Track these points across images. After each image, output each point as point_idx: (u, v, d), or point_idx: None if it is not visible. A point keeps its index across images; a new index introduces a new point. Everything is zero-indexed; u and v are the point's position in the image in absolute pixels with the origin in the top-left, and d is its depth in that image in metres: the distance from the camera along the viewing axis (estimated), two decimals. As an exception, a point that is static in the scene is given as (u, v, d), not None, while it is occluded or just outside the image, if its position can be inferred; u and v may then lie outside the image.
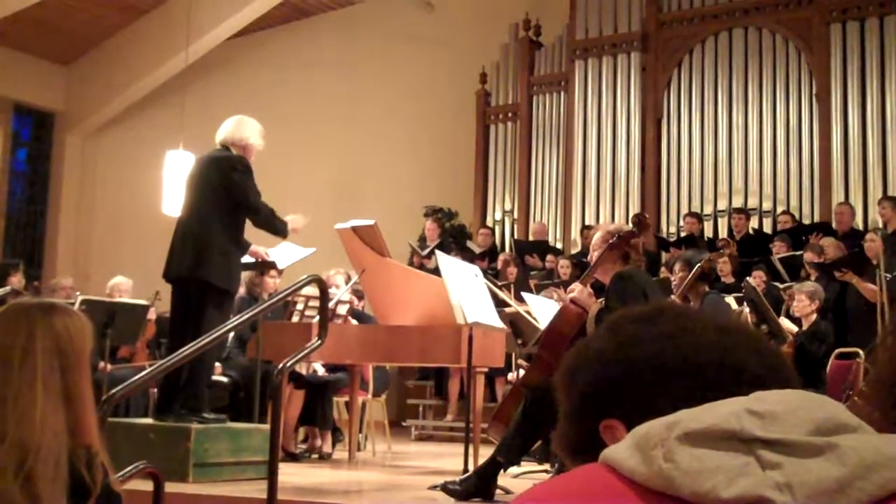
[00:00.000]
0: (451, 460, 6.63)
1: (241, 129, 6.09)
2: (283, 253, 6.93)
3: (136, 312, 7.45)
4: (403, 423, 10.18)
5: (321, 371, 7.33)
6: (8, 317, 2.09)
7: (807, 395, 0.86)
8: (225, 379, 7.46)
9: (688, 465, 0.80)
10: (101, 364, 7.06)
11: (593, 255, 5.19)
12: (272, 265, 7.04)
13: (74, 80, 15.09)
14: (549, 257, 11.05)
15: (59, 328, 2.07)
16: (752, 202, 10.95)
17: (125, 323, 7.18)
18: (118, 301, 7.59)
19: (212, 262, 5.71)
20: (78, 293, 7.87)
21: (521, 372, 7.08)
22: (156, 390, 6.73)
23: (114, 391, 4.08)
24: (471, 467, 5.53)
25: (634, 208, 11.35)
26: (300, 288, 5.21)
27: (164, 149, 11.58)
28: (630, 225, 5.36)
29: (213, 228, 5.77)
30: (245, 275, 7.76)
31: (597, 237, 5.20)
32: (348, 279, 7.72)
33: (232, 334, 6.76)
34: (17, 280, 7.54)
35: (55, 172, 15.44)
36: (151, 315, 8.14)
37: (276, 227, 6.05)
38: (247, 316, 4.83)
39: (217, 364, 7.20)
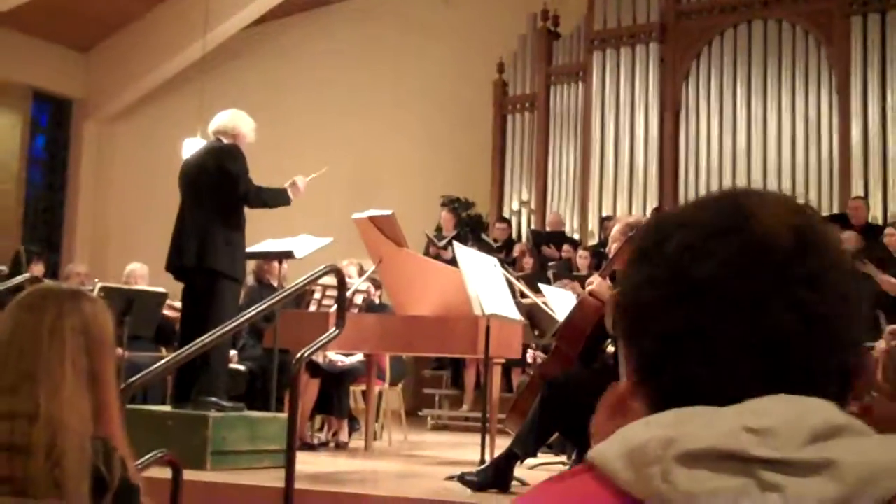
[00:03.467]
0: (467, 450, 6.63)
1: (234, 119, 6.15)
2: (301, 242, 6.93)
3: (153, 300, 7.46)
4: (419, 413, 10.18)
5: (340, 360, 7.33)
6: (36, 298, 2.11)
7: (799, 402, 0.83)
8: (242, 367, 7.48)
9: (686, 487, 0.79)
10: (119, 352, 7.09)
11: (612, 247, 5.19)
12: (288, 254, 7.06)
13: (93, 68, 15.13)
14: (566, 247, 11.02)
15: (86, 311, 2.10)
16: (771, 195, 10.87)
17: (143, 310, 7.20)
18: (136, 289, 7.62)
19: (217, 251, 5.75)
20: (96, 280, 7.90)
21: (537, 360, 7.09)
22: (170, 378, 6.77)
23: (132, 379, 4.10)
24: (487, 458, 5.53)
25: (652, 200, 11.31)
26: (318, 277, 5.21)
27: (181, 136, 11.61)
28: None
29: (215, 217, 5.82)
30: (253, 262, 7.78)
31: (616, 229, 5.19)
32: (361, 271, 7.73)
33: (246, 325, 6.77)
34: (38, 269, 7.58)
35: (73, 159, 15.50)
36: None
37: (273, 201, 6.05)
38: (265, 305, 4.84)
39: (232, 352, 7.23)
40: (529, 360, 7.35)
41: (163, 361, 4.52)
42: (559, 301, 6.72)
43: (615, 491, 0.82)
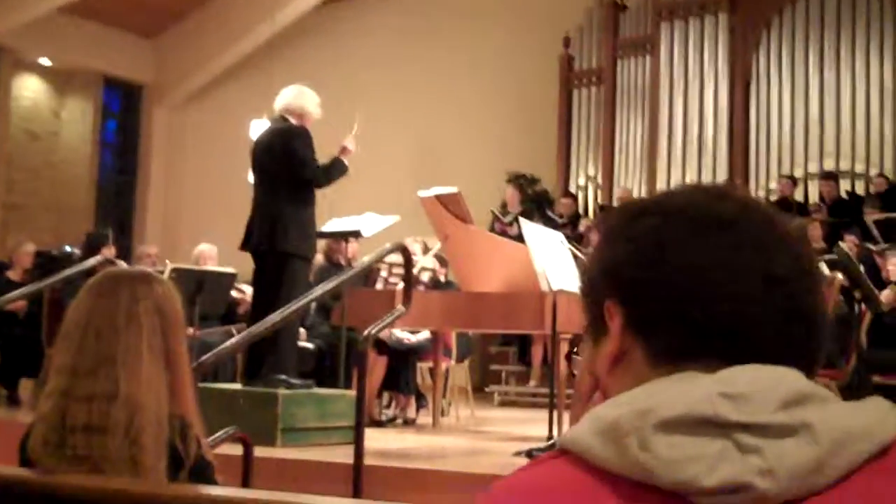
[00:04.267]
0: (535, 426, 6.64)
1: (300, 98, 6.18)
2: (367, 221, 6.98)
3: (223, 280, 7.58)
4: (486, 389, 10.21)
5: (407, 337, 7.38)
6: (108, 282, 2.15)
7: (769, 370, 0.85)
8: (310, 345, 7.57)
9: (666, 454, 0.79)
10: (190, 331, 7.21)
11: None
12: (356, 233, 7.12)
13: (162, 53, 15.35)
14: (635, 223, 10.91)
15: (158, 293, 2.14)
16: (845, 165, 10.67)
17: (213, 291, 7.31)
18: (207, 269, 7.74)
19: (288, 232, 5.82)
20: (167, 261, 8.03)
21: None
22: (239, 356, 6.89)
23: (203, 358, 4.19)
24: (555, 433, 5.53)
25: (722, 173, 11.15)
26: (384, 255, 5.26)
27: (250, 118, 11.72)
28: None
29: (284, 198, 5.88)
30: (323, 242, 7.86)
31: None
32: (426, 249, 7.75)
33: (314, 303, 6.86)
34: (109, 252, 7.72)
35: (144, 143, 15.77)
36: None
37: (337, 174, 6.08)
38: (332, 284, 4.89)
39: (301, 330, 7.32)
40: None
41: (233, 340, 4.60)
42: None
43: (591, 471, 0.82)
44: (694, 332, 0.88)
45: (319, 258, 7.88)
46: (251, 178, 6.24)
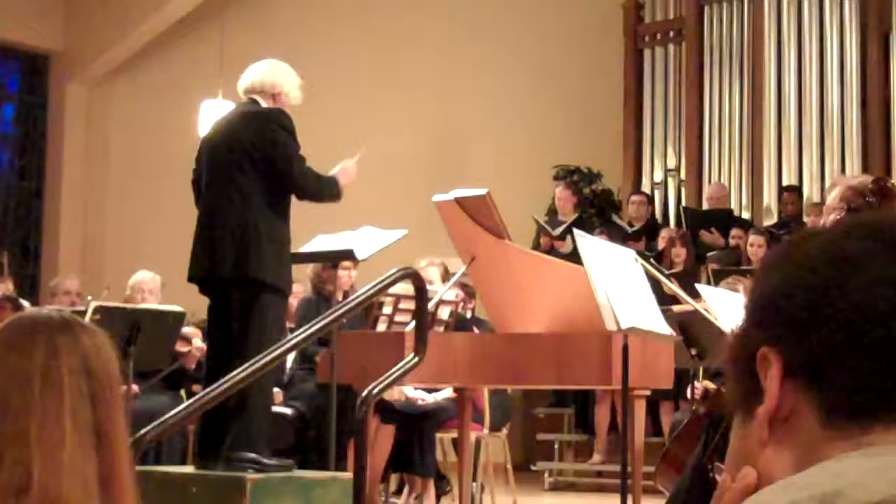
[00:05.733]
0: (601, 519, 6.65)
1: (274, 73, 6.22)
2: (363, 238, 7.00)
3: (167, 322, 7.60)
4: (533, 468, 10.21)
5: (421, 397, 7.39)
6: (21, 331, 2.15)
7: None
8: (289, 411, 7.59)
9: None
10: (123, 389, 7.23)
11: (827, 222, 5.09)
12: (348, 255, 7.13)
13: (75, 11, 15.43)
14: (734, 232, 10.92)
15: (85, 344, 2.14)
16: None
17: (153, 338, 7.32)
18: (143, 308, 7.76)
19: (261, 255, 5.82)
20: (89, 297, 8.07)
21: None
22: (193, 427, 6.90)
23: (143, 431, 4.19)
24: (630, 528, 5.53)
25: (853, 159, 11.13)
26: (389, 285, 5.26)
27: (198, 98, 11.80)
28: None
29: (254, 208, 5.88)
30: (310, 269, 7.88)
31: (833, 196, 5.05)
32: (446, 273, 7.77)
33: (295, 352, 6.87)
34: (4, 286, 7.73)
35: (54, 134, 15.81)
36: None
37: (329, 194, 6.18)
38: (318, 325, 4.90)
39: (276, 390, 7.34)
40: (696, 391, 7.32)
41: (181, 406, 4.62)
42: (725, 306, 6.67)
43: None
44: (882, 372, 0.89)
45: (302, 289, 7.91)
46: (202, 179, 6.26)
